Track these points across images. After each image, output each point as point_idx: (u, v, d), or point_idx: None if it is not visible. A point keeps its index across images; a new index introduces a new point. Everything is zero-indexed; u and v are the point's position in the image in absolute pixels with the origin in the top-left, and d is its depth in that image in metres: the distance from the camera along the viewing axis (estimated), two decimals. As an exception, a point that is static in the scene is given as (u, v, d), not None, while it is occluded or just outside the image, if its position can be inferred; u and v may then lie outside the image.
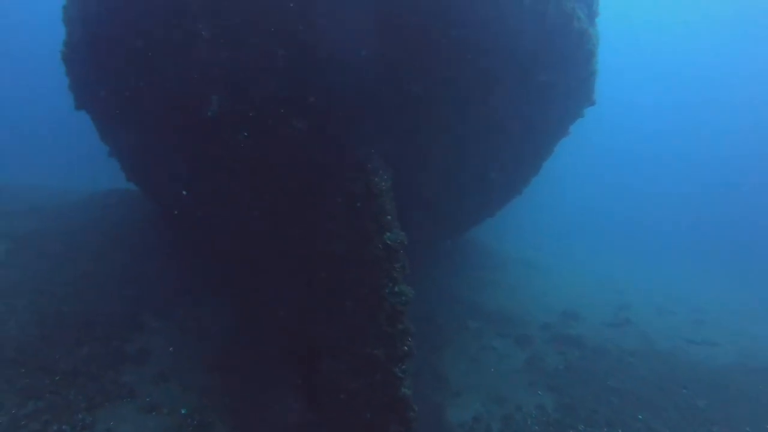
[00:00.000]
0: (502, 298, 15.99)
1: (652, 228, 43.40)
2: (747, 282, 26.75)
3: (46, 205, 13.86)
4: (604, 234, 37.60)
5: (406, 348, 4.88)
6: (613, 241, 35.31)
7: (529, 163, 11.30)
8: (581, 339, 12.31)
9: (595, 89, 8.52)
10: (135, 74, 6.52)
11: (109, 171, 13.78)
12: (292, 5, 5.52)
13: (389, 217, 5.40)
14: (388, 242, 5.23)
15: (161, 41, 5.58)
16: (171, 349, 8.90)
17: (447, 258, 17.21)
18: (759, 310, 19.89)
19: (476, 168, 9.47)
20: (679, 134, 62.69)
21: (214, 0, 5.17)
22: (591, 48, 6.80)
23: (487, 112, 7.08)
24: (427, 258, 14.67)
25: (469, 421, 8.20)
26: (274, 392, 8.58)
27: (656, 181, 56.45)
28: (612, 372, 10.43)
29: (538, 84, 6.58)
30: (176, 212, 11.41)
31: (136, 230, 13.53)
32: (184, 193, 8.00)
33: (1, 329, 7.35)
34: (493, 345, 12.04)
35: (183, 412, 6.53)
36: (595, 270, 23.56)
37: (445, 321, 13.39)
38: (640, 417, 8.48)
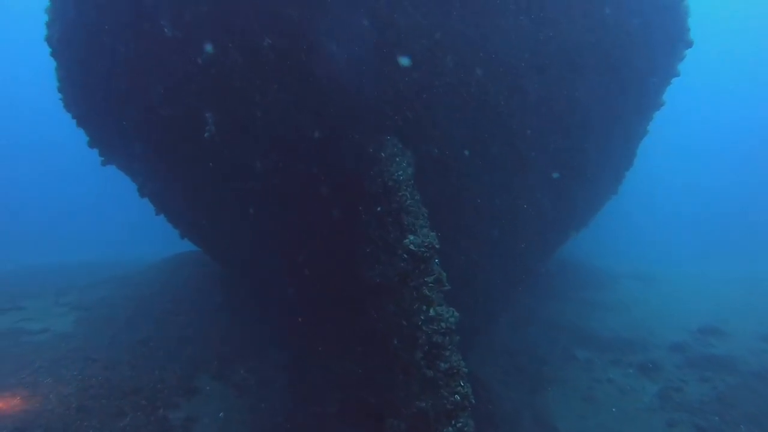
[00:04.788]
0: (613, 320, 13.43)
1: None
2: None
3: (116, 275, 14.10)
4: (722, 233, 31.93)
5: (456, 397, 3.29)
6: (740, 240, 29.64)
7: (620, 147, 9.25)
8: (732, 360, 9.44)
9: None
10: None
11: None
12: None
13: (410, 216, 3.96)
14: (412, 248, 3.77)
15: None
16: (221, 414, 7.93)
17: (543, 281, 15.02)
18: None
19: (560, 156, 7.73)
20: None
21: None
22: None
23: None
24: (520, 283, 12.84)
25: (590, 486, 6.12)
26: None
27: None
28: (793, 403, 7.56)
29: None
30: (223, 262, 10.84)
31: (201, 290, 13.23)
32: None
33: (40, 404, 6.82)
34: (610, 377, 9.70)
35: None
36: (728, 274, 19.50)
37: (547, 353, 11.35)
38: None
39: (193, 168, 6.40)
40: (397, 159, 4.43)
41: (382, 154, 4.47)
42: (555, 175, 8.20)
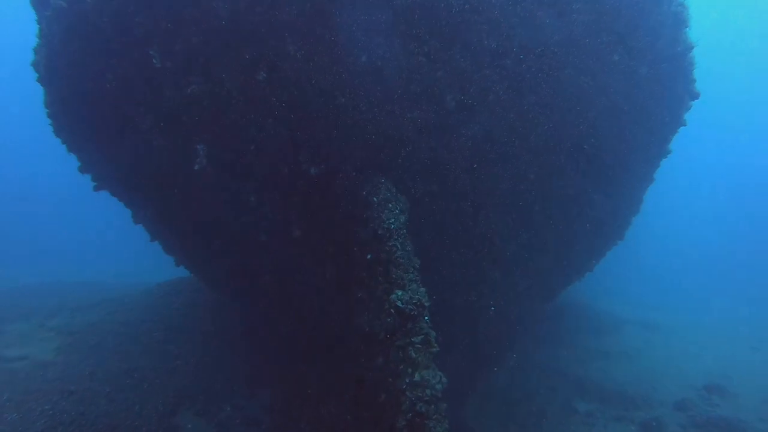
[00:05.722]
0: (617, 371, 12.93)
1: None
2: None
3: (110, 298, 13.79)
4: (737, 283, 31.17)
5: (439, 474, 2.99)
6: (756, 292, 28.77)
7: (624, 195, 9.06)
8: (737, 424, 8.95)
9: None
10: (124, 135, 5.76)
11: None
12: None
13: (398, 269, 3.72)
14: (399, 305, 3.53)
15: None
16: (199, 457, 7.51)
17: (544, 324, 14.58)
18: None
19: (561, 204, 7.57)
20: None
21: (168, 20, 4.22)
22: (678, 9, 4.98)
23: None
24: (518, 326, 12.44)
25: None
26: None
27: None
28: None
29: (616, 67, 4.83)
30: (217, 292, 10.58)
31: (195, 318, 12.86)
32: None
33: (0, 448, 6.42)
34: (612, 435, 9.23)
35: None
36: (737, 329, 18.83)
37: (546, 403, 10.87)
38: None
39: (185, 199, 6.23)
40: (390, 205, 4.23)
41: (375, 199, 4.28)
42: (558, 217, 8.01)
